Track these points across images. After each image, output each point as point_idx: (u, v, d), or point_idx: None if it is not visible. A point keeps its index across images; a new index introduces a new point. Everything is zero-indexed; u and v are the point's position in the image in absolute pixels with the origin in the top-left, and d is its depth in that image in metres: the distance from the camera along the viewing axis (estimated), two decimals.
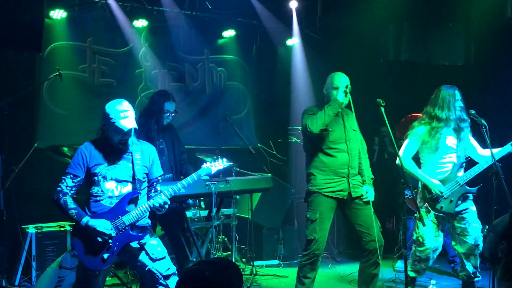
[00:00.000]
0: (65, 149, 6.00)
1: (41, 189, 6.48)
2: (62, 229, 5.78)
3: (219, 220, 6.18)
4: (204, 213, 6.24)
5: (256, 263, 6.49)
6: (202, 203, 6.42)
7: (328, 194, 4.74)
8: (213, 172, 4.30)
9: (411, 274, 5.26)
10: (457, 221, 5.09)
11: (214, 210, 5.58)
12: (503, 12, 7.35)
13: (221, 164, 4.32)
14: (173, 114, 5.88)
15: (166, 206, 4.02)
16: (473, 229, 5.02)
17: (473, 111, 4.92)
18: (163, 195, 4.01)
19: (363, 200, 4.77)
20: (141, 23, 7.16)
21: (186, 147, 6.63)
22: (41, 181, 6.53)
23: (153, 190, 4.18)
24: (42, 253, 5.73)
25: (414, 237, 5.23)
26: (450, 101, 5.04)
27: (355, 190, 4.75)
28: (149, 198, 4.14)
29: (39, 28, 4.88)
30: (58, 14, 6.63)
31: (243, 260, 6.70)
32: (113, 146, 4.02)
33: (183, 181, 4.13)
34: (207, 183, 5.42)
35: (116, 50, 7.25)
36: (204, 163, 4.28)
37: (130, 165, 4.05)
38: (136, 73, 7.40)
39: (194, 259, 5.56)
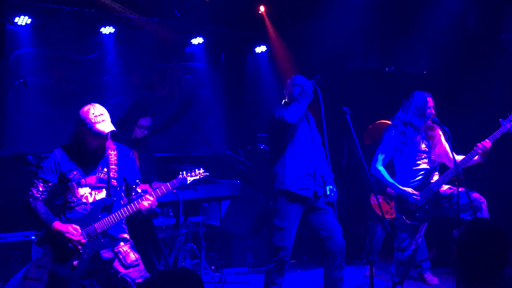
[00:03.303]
0: (30, 157, 5.90)
1: (4, 197, 6.36)
2: (26, 238, 5.67)
3: (187, 228, 6.15)
4: (172, 221, 6.20)
5: (225, 270, 6.47)
6: (170, 210, 6.38)
7: (296, 191, 4.75)
8: (188, 182, 4.21)
9: (396, 279, 5.24)
10: (445, 201, 5.07)
11: (182, 218, 5.55)
12: (465, 22, 7.54)
13: (197, 174, 4.23)
14: (148, 130, 5.89)
15: (153, 206, 4.00)
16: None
17: (435, 119, 5.00)
18: (149, 196, 3.97)
19: (327, 201, 4.83)
20: (108, 30, 7.10)
21: (155, 154, 6.62)
22: (5, 190, 6.41)
23: (133, 193, 4.14)
24: (5, 263, 5.60)
25: (395, 245, 5.21)
26: (422, 108, 5.07)
27: (319, 189, 4.81)
28: (130, 201, 4.10)
29: None
30: (22, 20, 6.54)
31: (212, 267, 6.67)
32: (88, 151, 3.98)
33: (157, 190, 4.06)
34: (174, 191, 5.39)
35: (83, 57, 7.17)
36: (180, 173, 4.20)
37: (105, 170, 4.01)
38: (104, 80, 7.33)
39: (162, 268, 5.53)
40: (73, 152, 4.01)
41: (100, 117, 3.91)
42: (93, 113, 3.91)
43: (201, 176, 4.25)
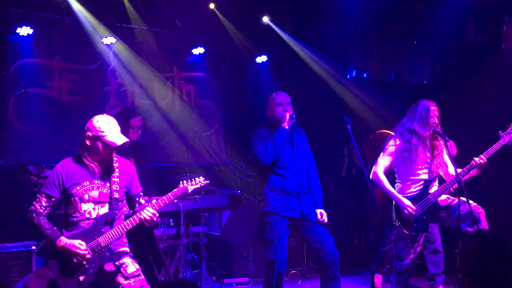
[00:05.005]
0: (31, 167, 5.89)
1: (5, 208, 6.36)
2: (27, 249, 5.65)
3: (188, 238, 6.14)
4: (173, 231, 6.20)
5: (225, 280, 6.45)
6: (171, 220, 6.38)
7: (281, 214, 4.77)
8: (189, 191, 4.19)
9: None
10: (443, 211, 5.06)
11: (183, 228, 5.54)
12: (466, 32, 7.57)
13: (197, 182, 4.21)
14: (141, 129, 5.91)
15: (155, 218, 3.99)
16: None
17: (437, 129, 5.00)
18: (151, 207, 3.97)
19: (319, 223, 4.84)
20: (109, 40, 7.11)
21: (155, 164, 6.63)
22: (5, 200, 6.41)
23: (137, 205, 4.15)
24: (6, 274, 5.57)
25: (394, 254, 5.21)
26: (425, 116, 5.05)
27: (306, 208, 4.81)
28: (134, 213, 4.10)
29: (1, 46, 4.79)
30: (24, 31, 6.55)
31: (213, 277, 6.65)
32: (93, 163, 3.96)
33: (159, 200, 4.05)
34: (175, 200, 5.38)
35: (84, 67, 7.18)
36: (181, 182, 4.18)
37: (108, 184, 4.00)
38: (104, 90, 7.33)
39: (163, 278, 5.51)
40: (77, 166, 3.98)
41: (114, 127, 3.92)
42: (108, 122, 3.91)
43: (202, 185, 4.23)
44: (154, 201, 4.05)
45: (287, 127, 4.78)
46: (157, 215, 4.01)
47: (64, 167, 3.97)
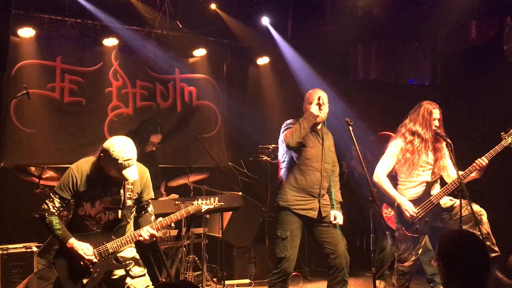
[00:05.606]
0: (32, 168, 5.90)
1: (7, 209, 6.36)
2: (28, 250, 5.65)
3: (189, 239, 6.13)
4: (174, 232, 6.20)
5: (227, 282, 6.45)
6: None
7: (297, 212, 4.76)
8: (203, 211, 4.27)
9: None
10: (445, 213, 5.06)
11: (184, 229, 5.54)
12: (467, 34, 7.57)
13: (212, 204, 4.27)
14: (157, 146, 5.96)
15: (154, 238, 4.03)
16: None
17: (438, 131, 4.99)
18: (150, 228, 3.97)
19: (333, 223, 4.83)
20: (111, 41, 7.12)
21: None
22: (7, 201, 6.41)
23: (143, 212, 4.16)
24: (7, 275, 5.58)
25: (396, 256, 5.20)
26: (428, 119, 5.05)
27: (324, 209, 4.81)
28: (138, 217, 4.13)
29: (4, 48, 4.78)
30: (26, 32, 6.56)
31: (214, 279, 6.65)
32: (107, 175, 3.94)
33: (172, 216, 4.08)
34: (177, 202, 5.38)
35: (85, 68, 7.18)
36: (196, 201, 4.25)
37: (122, 191, 4.00)
38: (106, 92, 7.33)
39: (164, 279, 5.51)
40: (92, 170, 3.96)
41: (129, 162, 3.82)
42: (122, 157, 3.79)
43: (216, 207, 4.30)
44: (160, 219, 4.04)
45: (315, 113, 4.77)
46: (156, 235, 4.02)
47: (79, 170, 3.96)
